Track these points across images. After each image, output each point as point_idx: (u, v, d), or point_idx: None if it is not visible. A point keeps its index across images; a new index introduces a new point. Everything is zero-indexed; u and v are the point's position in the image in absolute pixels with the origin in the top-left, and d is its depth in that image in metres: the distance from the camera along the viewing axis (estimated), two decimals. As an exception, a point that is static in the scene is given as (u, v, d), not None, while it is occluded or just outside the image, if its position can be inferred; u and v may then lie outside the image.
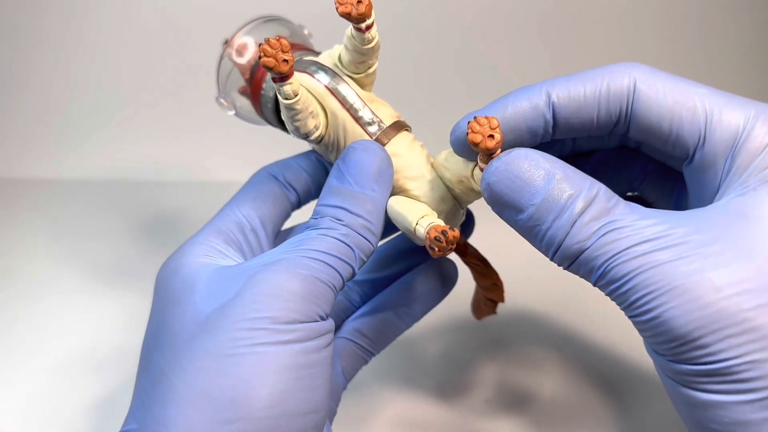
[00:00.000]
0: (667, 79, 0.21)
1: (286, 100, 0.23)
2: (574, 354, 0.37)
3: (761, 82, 0.68)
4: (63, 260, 0.46)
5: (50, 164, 0.61)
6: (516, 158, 0.21)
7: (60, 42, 0.62)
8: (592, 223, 0.19)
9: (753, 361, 0.17)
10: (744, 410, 0.18)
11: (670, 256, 0.18)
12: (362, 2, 0.22)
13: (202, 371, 0.20)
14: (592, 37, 0.66)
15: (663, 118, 0.21)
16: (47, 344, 0.37)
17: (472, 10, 0.65)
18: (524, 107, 0.22)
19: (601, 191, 0.20)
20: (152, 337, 0.23)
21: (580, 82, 0.22)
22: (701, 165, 0.21)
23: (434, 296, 0.29)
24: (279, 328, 0.20)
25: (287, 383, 0.20)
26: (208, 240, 0.25)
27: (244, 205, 0.26)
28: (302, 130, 0.24)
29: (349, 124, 0.25)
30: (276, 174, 0.28)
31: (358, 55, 0.25)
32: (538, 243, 0.21)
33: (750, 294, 0.18)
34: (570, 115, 0.22)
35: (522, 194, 0.20)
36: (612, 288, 0.19)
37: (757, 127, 0.20)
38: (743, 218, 0.19)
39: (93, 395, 0.33)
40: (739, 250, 0.18)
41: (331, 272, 0.22)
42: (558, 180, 0.20)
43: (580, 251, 0.20)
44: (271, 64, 0.21)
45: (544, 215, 0.20)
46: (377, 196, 0.23)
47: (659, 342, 0.19)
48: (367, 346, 0.27)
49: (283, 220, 0.28)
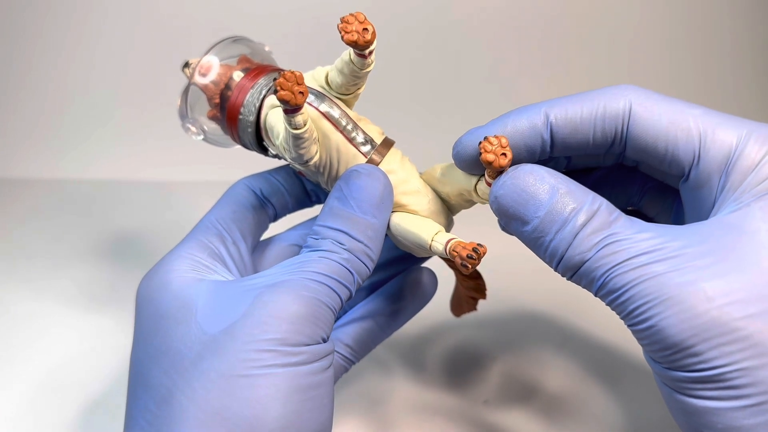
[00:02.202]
0: (662, 100, 0.22)
1: (296, 130, 0.23)
2: (574, 353, 0.37)
3: (758, 99, 0.68)
4: (63, 260, 0.47)
5: (51, 164, 0.61)
6: (522, 173, 0.22)
7: (60, 42, 0.62)
8: (593, 236, 0.20)
9: (744, 369, 0.18)
10: (736, 416, 0.18)
11: (666, 268, 0.19)
12: (368, 30, 0.22)
13: (213, 392, 0.20)
14: (583, 56, 0.66)
15: (658, 139, 0.22)
16: (48, 344, 0.37)
17: (458, 25, 0.65)
18: (523, 126, 0.23)
19: (603, 205, 0.21)
20: (147, 354, 0.23)
21: (578, 103, 0.22)
22: (696, 183, 0.22)
23: (414, 306, 0.29)
24: (288, 350, 0.21)
25: (297, 404, 0.21)
26: (192, 253, 0.25)
27: (224, 218, 0.27)
28: (305, 157, 0.24)
29: (342, 145, 0.25)
30: (254, 188, 0.28)
31: (353, 78, 0.25)
32: (542, 254, 0.22)
33: (741, 304, 0.18)
34: (567, 135, 0.23)
35: (527, 207, 0.21)
36: (611, 298, 0.20)
37: (750, 145, 0.21)
38: (736, 232, 0.20)
39: (94, 394, 0.34)
40: (732, 262, 0.19)
41: (333, 295, 0.23)
42: (562, 194, 0.21)
43: (581, 262, 0.20)
44: (288, 98, 0.21)
45: (547, 227, 0.21)
46: (378, 223, 0.24)
47: (655, 350, 0.20)
48: (349, 355, 0.28)
49: (261, 232, 0.29)
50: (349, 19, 0.22)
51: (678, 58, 0.68)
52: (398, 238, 0.25)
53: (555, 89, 0.65)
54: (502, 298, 0.31)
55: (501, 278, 0.31)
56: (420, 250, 0.25)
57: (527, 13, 0.65)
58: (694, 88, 0.67)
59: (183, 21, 0.63)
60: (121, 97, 0.63)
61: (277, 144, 0.26)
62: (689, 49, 0.68)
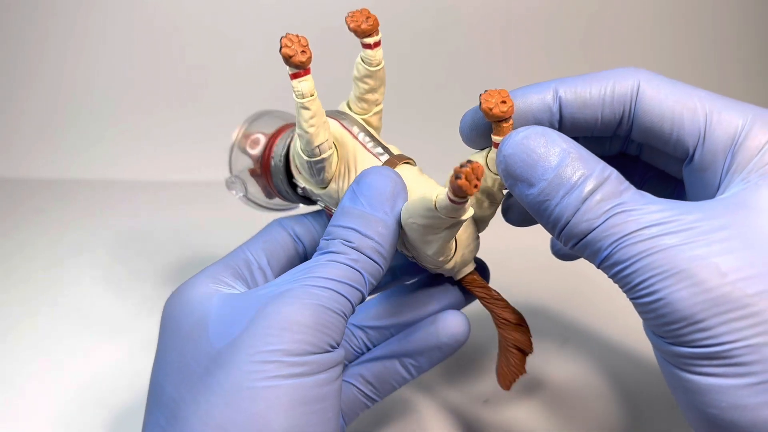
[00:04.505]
0: (670, 82, 0.22)
1: (302, 99, 0.24)
2: (576, 352, 0.37)
3: (760, 94, 0.68)
4: (63, 260, 0.47)
5: (51, 164, 0.61)
6: (533, 133, 0.21)
7: (63, 44, 0.63)
8: (602, 204, 0.20)
9: (753, 345, 0.18)
10: (742, 394, 0.18)
11: (677, 241, 0.19)
12: (370, 18, 0.25)
13: (217, 406, 0.20)
14: (584, 55, 0.67)
15: (664, 118, 0.22)
16: (46, 345, 0.37)
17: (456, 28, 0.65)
18: (533, 99, 0.23)
19: (613, 174, 0.20)
20: (162, 370, 0.23)
21: (587, 82, 0.23)
22: (701, 164, 0.22)
23: (442, 351, 0.27)
24: (291, 361, 0.21)
25: (301, 417, 0.20)
26: (215, 274, 0.25)
27: (254, 247, 0.27)
28: (315, 141, 0.25)
29: (360, 153, 0.26)
30: (286, 226, 0.29)
31: (366, 82, 0.26)
32: (546, 219, 0.21)
33: (754, 280, 0.18)
34: (575, 111, 0.23)
35: (536, 168, 0.21)
36: (617, 269, 0.20)
37: (756, 128, 0.21)
38: (747, 209, 0.19)
39: (97, 393, 0.34)
40: (744, 239, 0.19)
41: (341, 300, 0.22)
42: (572, 158, 0.20)
43: (588, 230, 0.20)
44: (291, 53, 0.22)
45: (554, 191, 0.20)
46: (390, 220, 0.23)
47: (661, 324, 0.19)
48: (370, 392, 0.27)
49: (289, 266, 0.28)
50: (355, 12, 0.25)
51: (679, 54, 0.68)
52: (409, 227, 0.24)
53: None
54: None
55: (502, 276, 0.30)
56: (432, 235, 0.23)
57: (526, 12, 0.65)
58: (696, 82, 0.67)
59: (183, 22, 0.63)
60: (121, 97, 0.63)
61: (297, 154, 0.26)
62: (691, 45, 0.68)
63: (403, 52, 0.63)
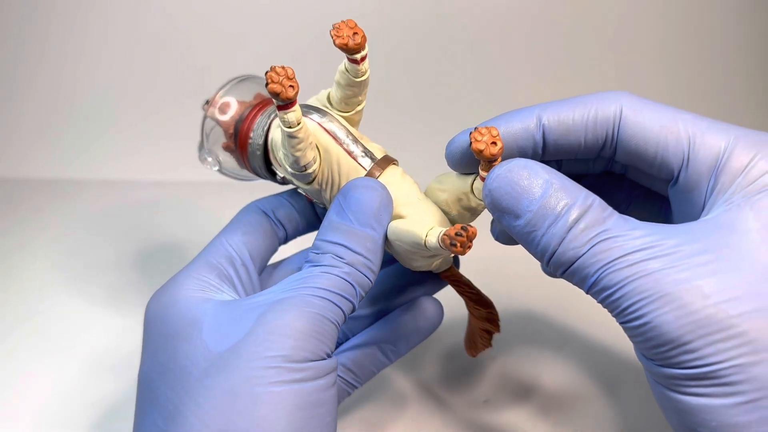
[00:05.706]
0: (652, 106, 0.23)
1: (290, 129, 0.23)
2: (574, 354, 0.37)
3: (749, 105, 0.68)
4: (64, 260, 0.47)
5: (51, 164, 0.61)
6: (516, 166, 0.22)
7: (63, 44, 0.63)
8: (586, 231, 0.20)
9: (739, 365, 0.18)
10: (730, 413, 0.18)
11: (661, 265, 0.19)
12: (357, 34, 0.23)
13: (218, 409, 0.21)
14: (575, 64, 0.66)
15: (648, 142, 0.22)
16: (46, 345, 0.38)
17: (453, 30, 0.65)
18: (516, 128, 0.23)
19: (596, 202, 0.21)
20: (155, 370, 0.23)
21: (570, 107, 0.23)
22: (685, 186, 0.22)
23: (419, 335, 0.29)
24: (292, 367, 0.21)
25: (301, 422, 0.21)
26: (200, 274, 0.26)
27: (235, 239, 0.27)
28: (301, 161, 0.25)
29: (343, 158, 0.26)
30: (266, 210, 0.29)
31: (350, 89, 0.26)
32: (534, 249, 0.22)
33: (736, 301, 0.18)
34: (559, 137, 0.23)
35: (521, 201, 0.21)
36: (605, 295, 0.20)
37: (738, 149, 0.21)
38: (730, 231, 0.20)
39: (99, 392, 0.34)
40: (726, 261, 0.19)
41: (336, 310, 0.23)
42: (555, 189, 0.21)
43: (574, 258, 0.20)
44: (278, 90, 0.22)
45: (540, 222, 0.21)
46: (376, 235, 0.24)
47: (649, 347, 0.20)
48: (351, 380, 0.28)
49: (270, 254, 0.29)
50: (341, 26, 0.23)
51: (670, 63, 0.68)
52: (395, 244, 0.25)
53: (548, 96, 0.65)
54: (501, 299, 0.31)
55: (500, 280, 0.31)
56: (417, 256, 0.25)
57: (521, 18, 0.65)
58: (686, 92, 0.67)
59: (184, 23, 0.63)
60: (121, 97, 0.63)
61: (280, 158, 0.26)
62: (682, 54, 0.68)
63: (389, 50, 0.63)
